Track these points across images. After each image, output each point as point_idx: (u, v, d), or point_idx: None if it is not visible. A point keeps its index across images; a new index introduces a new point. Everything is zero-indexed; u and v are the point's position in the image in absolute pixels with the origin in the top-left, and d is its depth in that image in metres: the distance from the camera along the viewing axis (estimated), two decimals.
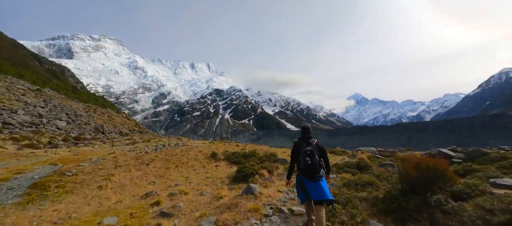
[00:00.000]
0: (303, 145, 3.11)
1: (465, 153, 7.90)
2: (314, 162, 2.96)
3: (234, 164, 7.81)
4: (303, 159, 3.00)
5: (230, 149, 10.30)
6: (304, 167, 3.00)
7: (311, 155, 2.99)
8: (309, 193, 2.97)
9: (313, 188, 2.96)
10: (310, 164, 2.96)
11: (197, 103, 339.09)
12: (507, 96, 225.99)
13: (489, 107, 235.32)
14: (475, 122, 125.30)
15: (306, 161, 2.98)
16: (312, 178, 2.98)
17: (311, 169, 2.96)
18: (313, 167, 2.95)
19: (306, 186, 3.02)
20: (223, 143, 14.40)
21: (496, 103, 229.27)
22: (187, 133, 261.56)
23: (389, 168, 5.31)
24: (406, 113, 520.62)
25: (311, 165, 2.96)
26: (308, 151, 3.01)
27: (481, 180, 4.27)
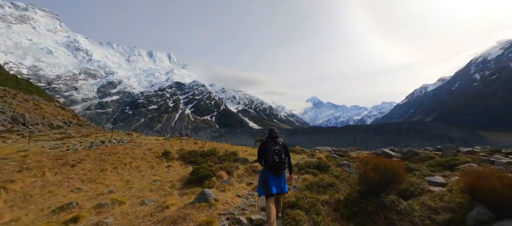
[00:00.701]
0: (271, 144, 3.41)
1: (401, 153, 9.07)
2: (281, 160, 3.30)
3: (190, 164, 7.00)
4: (272, 157, 3.30)
5: (187, 147, 9.33)
6: (272, 164, 3.28)
7: (279, 153, 3.32)
8: (270, 186, 3.22)
9: (275, 183, 3.28)
10: (278, 161, 3.28)
11: (154, 95, 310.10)
12: (425, 107, 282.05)
13: (412, 115, 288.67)
14: (402, 127, 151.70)
15: (274, 159, 3.28)
16: (277, 174, 3.30)
17: (278, 166, 3.28)
18: (279, 164, 3.29)
19: (269, 181, 3.26)
20: (180, 139, 13.12)
21: (417, 112, 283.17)
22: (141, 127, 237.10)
23: (346, 168, 5.51)
24: (353, 116, 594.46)
25: (278, 163, 3.28)
26: (276, 150, 3.34)
27: (420, 179, 4.76)
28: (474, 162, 6.64)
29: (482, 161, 6.83)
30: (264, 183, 3.27)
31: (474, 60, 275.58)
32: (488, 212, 2.70)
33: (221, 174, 5.27)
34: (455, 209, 3.02)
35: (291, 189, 3.98)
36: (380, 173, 3.16)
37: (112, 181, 5.09)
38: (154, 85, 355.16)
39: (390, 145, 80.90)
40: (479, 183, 2.80)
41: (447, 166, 6.53)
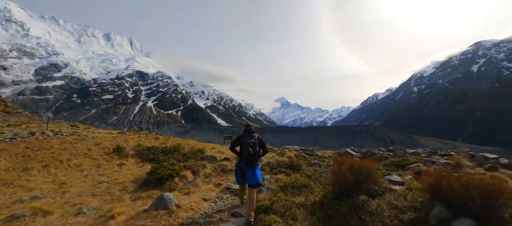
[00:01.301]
0: (247, 137, 3.61)
1: (361, 153, 9.83)
2: (255, 152, 3.51)
3: (149, 163, 6.13)
4: (247, 150, 3.48)
5: (146, 143, 8.25)
6: (246, 156, 3.47)
7: (253, 146, 3.52)
8: (246, 178, 3.45)
9: (250, 174, 3.46)
10: (252, 153, 3.47)
11: (110, 84, 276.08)
12: (375, 112, 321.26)
13: (365, 119, 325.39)
14: (356, 129, 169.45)
15: (249, 151, 3.47)
16: (251, 165, 3.47)
17: (252, 158, 3.46)
18: (253, 156, 3.47)
19: (245, 172, 3.47)
20: (138, 134, 11.65)
21: (369, 117, 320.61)
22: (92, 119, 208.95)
23: (316, 167, 5.55)
24: (316, 118, 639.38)
25: (252, 155, 3.47)
26: (251, 143, 3.53)
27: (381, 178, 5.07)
28: (419, 162, 7.56)
29: (426, 161, 7.86)
30: (241, 173, 3.53)
31: (414, 76, 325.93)
32: (447, 211, 2.88)
33: (185, 174, 4.66)
34: (418, 208, 3.15)
35: (265, 191, 3.71)
36: (355, 174, 3.12)
37: (38, 184, 3.94)
38: (111, 72, 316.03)
39: (346, 145, 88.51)
40: (441, 183, 2.96)
41: (399, 166, 7.27)
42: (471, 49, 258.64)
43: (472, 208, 2.59)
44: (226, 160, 7.00)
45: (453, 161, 6.87)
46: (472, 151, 46.65)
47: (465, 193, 2.64)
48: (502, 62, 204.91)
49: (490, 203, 2.52)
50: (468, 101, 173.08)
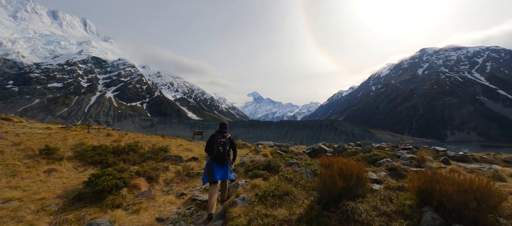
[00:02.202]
0: (219, 136, 3.80)
1: (333, 148, 9.94)
2: (225, 151, 3.68)
3: (94, 166, 4.87)
4: (217, 148, 3.65)
5: (92, 141, 6.75)
6: (216, 154, 3.63)
7: (224, 145, 3.70)
8: (215, 175, 3.58)
9: (219, 170, 3.65)
10: (222, 152, 3.65)
11: (58, 70, 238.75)
12: (339, 108, 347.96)
13: (330, 114, 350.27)
14: (322, 124, 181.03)
15: (219, 149, 3.64)
16: (221, 163, 3.67)
17: (221, 156, 3.64)
18: (223, 155, 3.65)
19: (214, 169, 3.62)
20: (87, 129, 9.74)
21: (335, 112, 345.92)
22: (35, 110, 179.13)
23: (295, 167, 5.11)
24: (287, 113, 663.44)
25: (222, 153, 3.64)
26: (221, 142, 3.71)
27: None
28: (388, 157, 7.89)
29: (392, 156, 8.29)
30: (209, 172, 3.61)
31: (372, 76, 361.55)
32: (440, 217, 2.64)
33: (138, 182, 3.65)
34: (407, 214, 2.87)
35: (240, 204, 3.04)
36: (346, 180, 2.67)
37: None
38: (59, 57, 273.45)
39: (313, 139, 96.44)
40: (433, 186, 2.70)
41: (371, 161, 7.42)
42: (417, 54, 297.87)
43: (466, 213, 2.47)
44: (194, 160, 6.11)
45: (417, 156, 7.25)
46: (415, 142, 54.37)
47: (460, 197, 2.51)
48: (440, 67, 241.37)
49: (482, 206, 2.41)
50: (413, 100, 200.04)
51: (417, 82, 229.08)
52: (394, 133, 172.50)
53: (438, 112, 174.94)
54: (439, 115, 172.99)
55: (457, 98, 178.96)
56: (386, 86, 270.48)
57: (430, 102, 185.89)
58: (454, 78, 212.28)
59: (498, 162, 9.01)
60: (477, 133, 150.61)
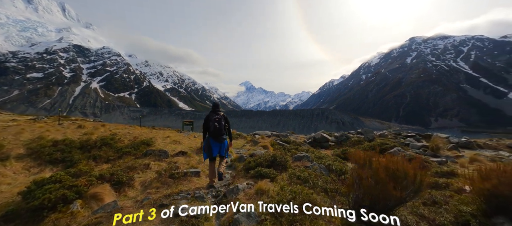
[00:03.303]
0: (213, 115, 3.99)
1: (336, 137, 9.29)
2: (221, 126, 3.86)
3: (54, 166, 3.84)
4: (213, 124, 3.82)
5: (56, 135, 5.61)
6: (213, 130, 3.81)
7: (219, 121, 3.88)
8: (212, 151, 3.81)
9: (216, 147, 3.85)
10: (218, 127, 3.82)
11: (37, 59, 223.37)
12: (331, 97, 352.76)
13: (322, 103, 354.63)
14: (314, 112, 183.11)
15: (215, 125, 3.81)
16: (217, 139, 3.85)
17: (217, 132, 3.82)
18: (219, 130, 3.83)
19: (212, 146, 3.82)
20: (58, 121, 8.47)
21: (326, 101, 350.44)
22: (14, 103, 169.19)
23: (306, 162, 4.33)
24: (279, 102, 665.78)
25: (218, 128, 3.82)
26: (216, 119, 3.90)
27: None
28: (396, 145, 7.31)
29: (403, 144, 7.70)
30: (208, 149, 3.84)
31: (363, 65, 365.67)
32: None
33: (99, 191, 2.52)
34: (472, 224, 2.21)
35: (244, 221, 2.25)
36: (401, 186, 2.09)
37: None
38: (37, 45, 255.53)
39: (305, 127, 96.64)
40: (505, 190, 2.08)
41: (380, 151, 6.83)
42: (407, 43, 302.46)
43: None
44: (181, 154, 5.19)
45: (431, 144, 6.68)
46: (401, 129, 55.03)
47: None
48: (428, 56, 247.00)
49: None
50: (401, 88, 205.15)
51: (405, 71, 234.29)
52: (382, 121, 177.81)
53: (423, 100, 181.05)
54: (425, 102, 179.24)
55: (442, 86, 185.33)
56: (375, 75, 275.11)
57: (417, 90, 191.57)
58: (440, 67, 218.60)
59: (502, 147, 8.68)
60: (459, 119, 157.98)
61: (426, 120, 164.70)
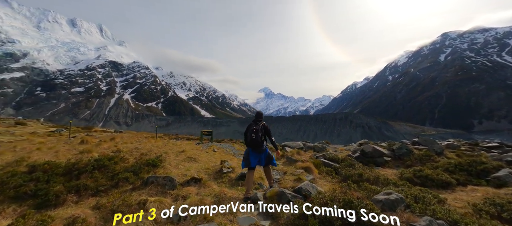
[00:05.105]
0: (253, 125, 3.97)
1: (392, 150, 7.18)
2: (257, 138, 3.80)
3: (19, 205, 2.68)
4: (250, 135, 3.84)
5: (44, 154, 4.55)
6: (249, 141, 3.84)
7: (256, 132, 3.83)
8: (251, 161, 3.77)
9: (254, 158, 3.82)
10: (254, 139, 3.79)
11: (80, 75, 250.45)
12: (354, 100, 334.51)
13: (345, 107, 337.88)
14: (336, 117, 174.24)
15: (251, 136, 3.81)
16: (256, 150, 3.82)
17: (254, 143, 3.79)
18: (255, 142, 3.79)
19: (250, 157, 3.82)
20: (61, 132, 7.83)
21: (349, 105, 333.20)
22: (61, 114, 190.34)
23: (409, 216, 2.35)
24: (299, 107, 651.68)
25: (254, 140, 3.79)
26: (254, 129, 3.86)
27: None
28: (503, 167, 4.87)
29: (496, 159, 5.44)
30: (247, 158, 3.85)
31: (389, 65, 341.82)
32: None
33: None
34: None
35: None
36: None
37: None
38: (80, 62, 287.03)
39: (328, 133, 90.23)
40: None
41: (473, 173, 4.71)
42: (439, 39, 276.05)
43: None
44: (194, 182, 3.82)
45: None
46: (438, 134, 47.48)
47: None
48: (465, 52, 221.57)
49: None
50: (435, 88, 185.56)
51: (439, 70, 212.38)
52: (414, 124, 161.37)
53: (463, 100, 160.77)
54: (464, 103, 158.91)
55: (485, 84, 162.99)
56: (404, 75, 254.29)
57: (454, 90, 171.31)
58: (481, 63, 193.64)
59: None
60: (509, 121, 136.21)
61: (467, 122, 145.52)
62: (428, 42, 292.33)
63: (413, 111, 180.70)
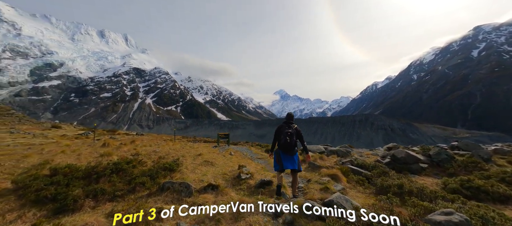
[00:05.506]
0: (285, 127, 3.94)
1: (428, 156, 6.35)
2: (292, 141, 3.79)
3: (39, 209, 2.67)
4: (284, 138, 3.81)
5: (69, 157, 4.69)
6: (283, 143, 3.80)
7: (291, 135, 3.81)
8: (283, 164, 3.81)
9: (288, 161, 3.82)
10: (289, 142, 3.77)
11: (107, 82, 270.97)
12: (374, 101, 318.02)
13: (364, 108, 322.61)
14: (356, 119, 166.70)
15: (286, 139, 3.79)
16: (288, 153, 3.82)
17: (288, 146, 3.78)
18: (289, 145, 3.78)
19: (282, 159, 3.84)
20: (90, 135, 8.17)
21: (369, 106, 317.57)
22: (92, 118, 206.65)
23: None
24: (316, 109, 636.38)
25: (289, 143, 3.77)
26: (288, 132, 3.83)
27: None
28: None
29: None
30: (279, 161, 3.87)
31: (413, 63, 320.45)
32: None
33: None
34: None
35: None
36: None
37: None
38: (108, 70, 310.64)
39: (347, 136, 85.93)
40: None
41: None
42: (471, 33, 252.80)
43: None
44: (211, 189, 3.63)
45: None
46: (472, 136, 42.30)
47: None
48: (503, 46, 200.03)
49: None
50: (468, 86, 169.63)
51: (471, 66, 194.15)
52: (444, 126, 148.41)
53: (501, 100, 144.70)
54: (503, 103, 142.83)
55: None
56: (431, 73, 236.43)
57: (489, 88, 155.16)
58: None
59: None
60: None
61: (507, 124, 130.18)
62: (457, 37, 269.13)
63: (442, 112, 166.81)
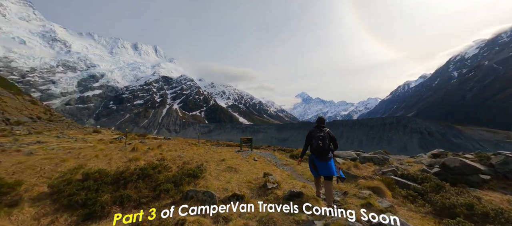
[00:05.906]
0: (317, 131, 3.79)
1: (489, 165, 5.22)
2: (324, 145, 3.60)
3: (71, 213, 2.73)
4: (316, 142, 3.65)
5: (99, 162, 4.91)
6: (315, 148, 3.65)
7: (323, 139, 3.63)
8: (318, 170, 3.66)
9: (322, 167, 3.63)
10: (321, 146, 3.60)
11: (140, 90, 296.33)
12: (407, 102, 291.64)
13: (395, 110, 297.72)
14: (386, 121, 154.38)
15: (318, 144, 3.62)
16: (322, 158, 3.63)
17: (321, 151, 3.60)
18: (322, 149, 3.60)
19: (317, 166, 3.68)
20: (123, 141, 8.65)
21: (400, 107, 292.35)
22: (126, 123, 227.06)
23: None
24: (340, 112, 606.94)
25: (321, 147, 3.60)
26: (320, 136, 3.67)
27: None
28: None
29: None
30: (314, 167, 3.78)
31: (452, 59, 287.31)
32: None
33: None
34: None
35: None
36: None
37: None
38: (140, 79, 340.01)
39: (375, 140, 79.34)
40: None
41: None
42: None
43: None
44: (236, 199, 3.40)
45: None
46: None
47: None
48: None
49: None
50: None
51: None
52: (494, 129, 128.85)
53: None
54: None
55: None
56: (475, 69, 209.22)
57: None
58: None
59: None
60: None
61: None
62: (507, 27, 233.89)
63: (491, 113, 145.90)
